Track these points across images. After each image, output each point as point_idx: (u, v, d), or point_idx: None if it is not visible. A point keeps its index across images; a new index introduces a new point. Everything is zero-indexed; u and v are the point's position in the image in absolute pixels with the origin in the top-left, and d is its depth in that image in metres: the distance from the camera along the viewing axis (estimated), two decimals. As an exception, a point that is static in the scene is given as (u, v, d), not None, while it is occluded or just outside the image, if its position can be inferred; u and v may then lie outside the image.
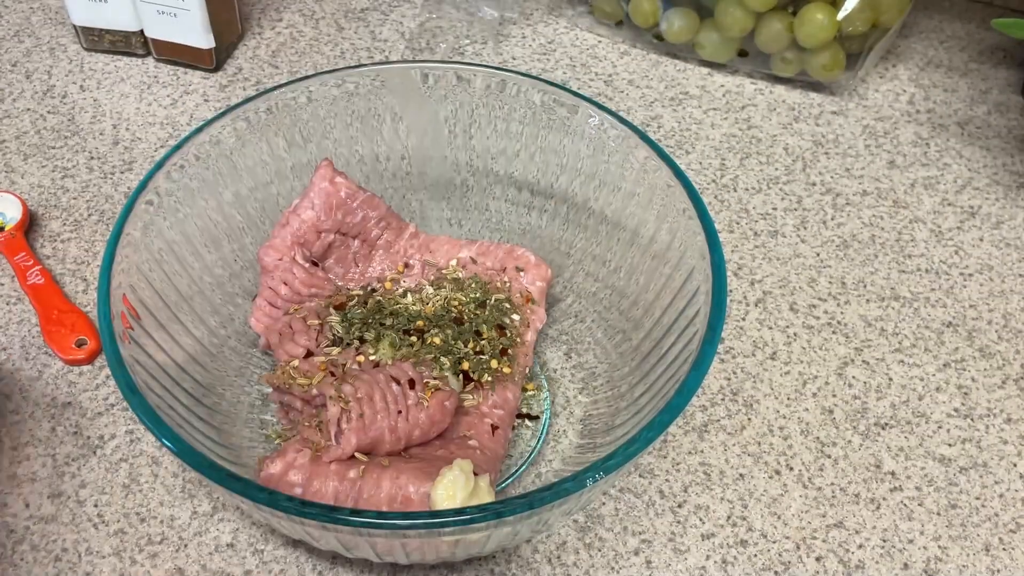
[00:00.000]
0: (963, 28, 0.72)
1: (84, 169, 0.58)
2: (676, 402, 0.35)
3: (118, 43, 0.64)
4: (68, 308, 0.50)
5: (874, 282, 0.54)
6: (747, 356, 0.50)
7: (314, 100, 0.48)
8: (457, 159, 0.51)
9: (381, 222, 0.48)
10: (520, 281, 0.47)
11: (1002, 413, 0.49)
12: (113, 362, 0.36)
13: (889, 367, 0.50)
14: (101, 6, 0.62)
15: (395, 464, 0.38)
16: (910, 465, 0.46)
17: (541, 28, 0.70)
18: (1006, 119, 0.65)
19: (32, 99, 0.63)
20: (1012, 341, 0.52)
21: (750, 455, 0.46)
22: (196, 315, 0.44)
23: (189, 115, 0.62)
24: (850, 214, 0.58)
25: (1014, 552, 0.43)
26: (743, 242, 0.56)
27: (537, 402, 0.47)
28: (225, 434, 0.42)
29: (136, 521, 0.43)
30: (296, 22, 0.70)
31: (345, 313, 0.45)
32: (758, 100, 0.65)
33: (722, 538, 0.43)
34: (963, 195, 0.60)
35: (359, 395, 0.39)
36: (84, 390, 0.47)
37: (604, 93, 0.65)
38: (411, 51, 0.67)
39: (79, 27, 0.64)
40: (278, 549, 0.42)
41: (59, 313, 0.49)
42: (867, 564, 0.43)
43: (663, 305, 0.43)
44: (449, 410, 0.41)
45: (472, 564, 0.42)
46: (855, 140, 0.63)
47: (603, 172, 0.47)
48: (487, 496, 0.37)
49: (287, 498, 0.32)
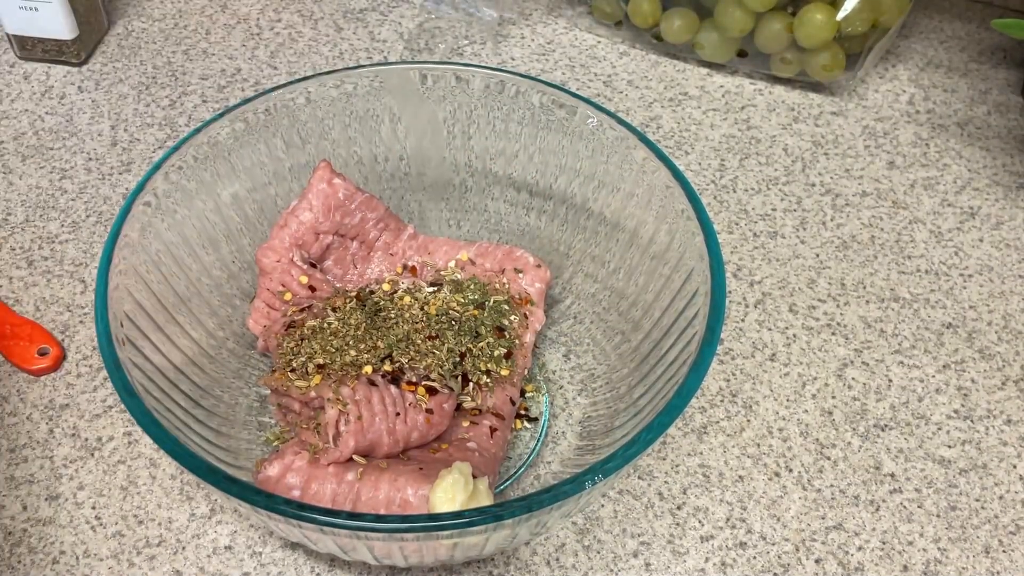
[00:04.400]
0: (963, 28, 0.72)
1: (82, 170, 0.58)
2: (675, 403, 0.35)
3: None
4: (19, 321, 0.49)
5: (874, 283, 0.54)
6: (746, 357, 0.50)
7: (312, 101, 0.48)
8: (456, 160, 0.51)
9: (380, 223, 0.48)
10: (519, 282, 0.47)
11: (1002, 415, 0.48)
12: (110, 364, 0.35)
13: (889, 368, 0.50)
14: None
15: (393, 466, 0.38)
16: (910, 467, 0.46)
17: (540, 28, 0.70)
18: (1006, 119, 0.65)
19: (31, 100, 0.63)
20: (1012, 342, 0.52)
21: (749, 457, 0.46)
22: (194, 317, 0.44)
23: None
24: (850, 215, 0.58)
25: (1014, 554, 0.43)
26: (742, 243, 0.56)
27: (536, 404, 0.47)
28: (223, 436, 0.42)
29: (134, 523, 0.43)
30: (295, 22, 0.70)
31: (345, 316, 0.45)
32: (757, 100, 0.65)
33: (721, 540, 0.43)
34: (963, 196, 0.60)
35: (357, 397, 0.39)
36: (82, 392, 0.47)
37: (603, 94, 0.65)
38: (410, 52, 0.67)
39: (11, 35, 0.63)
40: (276, 552, 0.42)
41: (12, 327, 0.49)
42: (866, 566, 0.43)
43: (662, 306, 0.43)
44: (447, 412, 0.41)
45: (471, 567, 0.42)
46: (855, 141, 0.63)
47: (602, 173, 0.47)
48: (486, 499, 0.37)
49: (285, 501, 0.32)
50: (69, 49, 0.64)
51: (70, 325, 0.50)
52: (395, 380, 0.41)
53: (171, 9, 0.71)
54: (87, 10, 0.64)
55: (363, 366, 0.42)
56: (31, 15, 0.61)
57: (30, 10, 0.61)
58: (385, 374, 0.41)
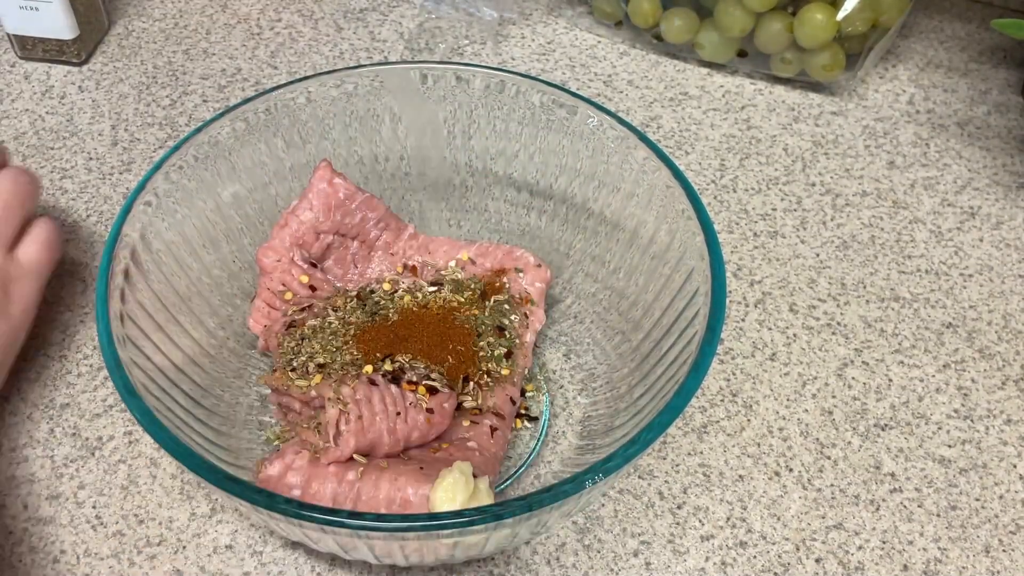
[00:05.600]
0: (963, 28, 0.72)
1: (83, 170, 0.58)
2: (675, 403, 0.35)
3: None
4: None
5: (874, 283, 0.54)
6: (746, 357, 0.50)
7: (313, 101, 0.48)
8: (456, 160, 0.51)
9: (380, 223, 0.48)
10: (519, 282, 0.47)
11: (1002, 414, 0.48)
12: (111, 364, 0.36)
13: (889, 368, 0.50)
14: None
15: (394, 466, 0.38)
16: (910, 466, 0.46)
17: (540, 28, 0.70)
18: (1006, 119, 0.65)
19: (31, 99, 0.63)
20: (1012, 342, 0.52)
21: (749, 456, 0.46)
22: (195, 316, 0.44)
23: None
24: (850, 215, 0.58)
25: (1014, 554, 0.43)
26: (742, 243, 0.56)
27: (536, 403, 0.47)
28: (223, 436, 0.42)
29: (135, 523, 0.43)
30: (295, 22, 0.70)
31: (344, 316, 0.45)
32: (758, 100, 0.65)
33: (721, 539, 0.43)
34: (963, 196, 0.60)
35: (358, 396, 0.39)
36: (83, 391, 0.47)
37: (603, 93, 0.65)
38: (410, 51, 0.67)
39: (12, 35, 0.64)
40: (276, 551, 0.42)
41: None
42: (867, 565, 0.43)
43: (662, 306, 0.43)
44: (448, 412, 0.41)
45: (471, 566, 0.42)
46: (855, 140, 0.63)
47: (602, 173, 0.47)
48: (486, 498, 0.37)
49: (285, 500, 0.32)
50: (69, 49, 0.64)
51: (71, 324, 0.50)
52: (396, 379, 0.41)
53: (171, 9, 0.71)
54: (87, 10, 0.64)
55: (364, 366, 0.42)
56: (31, 15, 0.61)
57: (30, 10, 0.61)
58: (386, 373, 0.41)
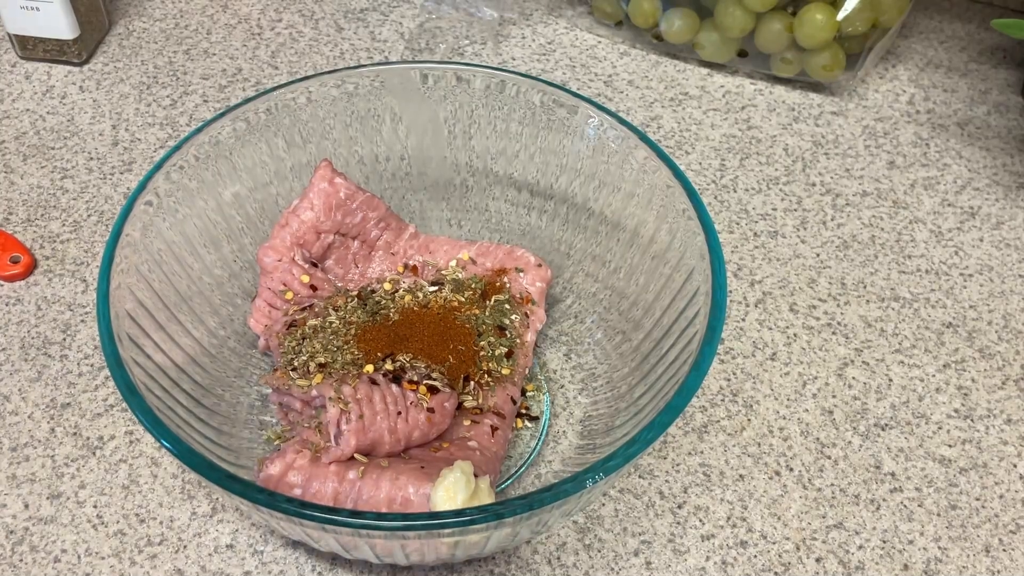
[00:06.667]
0: (963, 28, 0.72)
1: (83, 170, 0.58)
2: (676, 403, 0.35)
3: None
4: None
5: (874, 283, 0.54)
6: (747, 357, 0.50)
7: (314, 101, 0.48)
8: (457, 160, 0.51)
9: (381, 223, 0.48)
10: (520, 282, 0.47)
11: (1002, 414, 0.49)
12: (112, 363, 0.36)
13: (889, 368, 0.50)
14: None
15: (394, 465, 0.38)
16: (910, 466, 0.46)
17: (541, 28, 0.70)
18: (1006, 119, 0.65)
19: (32, 99, 0.63)
20: (1012, 342, 0.52)
21: (750, 456, 0.46)
22: (195, 316, 0.44)
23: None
24: (850, 215, 0.58)
25: (1014, 553, 0.43)
26: (743, 243, 0.56)
27: (537, 403, 0.47)
28: (224, 435, 0.42)
29: (135, 522, 0.43)
30: (295, 22, 0.70)
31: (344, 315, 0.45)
32: (758, 100, 0.65)
33: (722, 539, 0.43)
34: (963, 195, 0.60)
35: (358, 396, 0.39)
36: (84, 391, 0.47)
37: (604, 93, 0.65)
38: (410, 52, 0.67)
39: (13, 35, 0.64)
40: (277, 550, 0.42)
41: None
42: (867, 565, 0.43)
43: (663, 306, 0.43)
44: (449, 411, 0.41)
45: (472, 565, 0.42)
46: (855, 140, 0.63)
47: (603, 173, 0.47)
48: (487, 497, 0.37)
49: (286, 499, 0.32)
50: (70, 49, 0.64)
51: (72, 324, 0.50)
52: (396, 379, 0.41)
53: (172, 9, 0.71)
54: (88, 10, 0.64)
55: (364, 365, 0.42)
56: (32, 15, 0.61)
57: (31, 10, 0.61)
58: (386, 373, 0.41)
